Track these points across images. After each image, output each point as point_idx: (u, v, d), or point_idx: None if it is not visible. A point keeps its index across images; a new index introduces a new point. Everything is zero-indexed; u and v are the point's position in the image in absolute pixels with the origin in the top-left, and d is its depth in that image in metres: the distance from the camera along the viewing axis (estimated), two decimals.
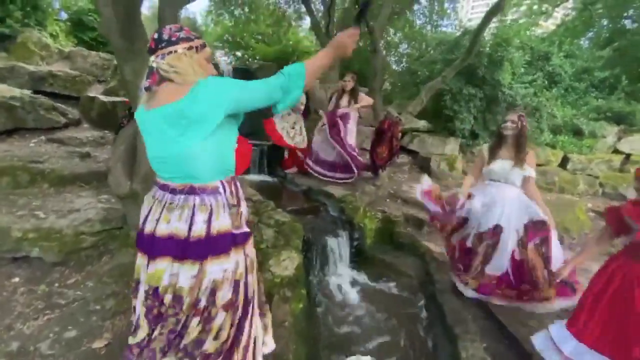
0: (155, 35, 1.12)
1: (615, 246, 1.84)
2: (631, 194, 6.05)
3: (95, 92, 5.62)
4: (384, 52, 13.55)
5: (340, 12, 10.14)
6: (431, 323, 2.23)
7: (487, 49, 5.73)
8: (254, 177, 4.58)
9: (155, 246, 1.15)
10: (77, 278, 2.17)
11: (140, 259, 1.18)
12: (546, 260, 2.15)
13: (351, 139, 4.24)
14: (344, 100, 4.07)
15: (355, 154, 4.17)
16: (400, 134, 5.17)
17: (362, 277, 2.66)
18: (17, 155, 3.44)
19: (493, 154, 2.31)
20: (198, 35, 1.19)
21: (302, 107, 4.48)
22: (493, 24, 6.47)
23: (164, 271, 1.12)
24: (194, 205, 1.13)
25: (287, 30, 12.41)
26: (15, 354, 1.59)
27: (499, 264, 2.26)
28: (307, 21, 10.74)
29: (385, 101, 10.03)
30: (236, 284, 1.19)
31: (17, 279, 2.13)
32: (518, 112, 2.29)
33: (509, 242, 2.20)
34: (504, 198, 2.25)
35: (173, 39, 1.10)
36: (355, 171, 4.11)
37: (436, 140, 6.50)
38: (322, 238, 2.65)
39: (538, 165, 6.42)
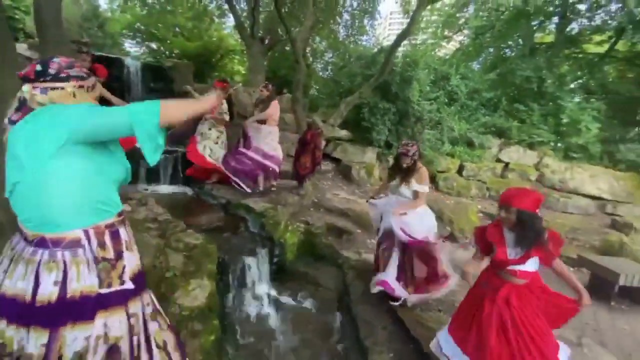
0: (38, 67, 0.97)
1: None
2: None
3: None
4: (311, 59, 13.89)
5: (265, 14, 10.00)
6: (345, 336, 2.32)
7: (399, 68, 6.29)
8: (166, 188, 4.17)
9: (0, 305, 0.96)
10: None
11: None
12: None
13: (263, 145, 4.24)
14: (258, 109, 4.04)
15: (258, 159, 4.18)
16: (322, 144, 5.33)
17: (282, 295, 2.63)
18: None
19: (391, 175, 2.65)
20: (90, 73, 1.10)
21: (226, 117, 4.28)
22: (404, 46, 7.13)
23: (13, 337, 0.93)
24: (40, 261, 0.95)
25: (209, 25, 11.71)
26: None
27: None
28: (231, 19, 10.29)
29: (311, 107, 10.26)
30: (113, 349, 1.01)
31: None
32: (413, 143, 2.59)
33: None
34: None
35: (62, 75, 0.99)
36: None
37: (356, 149, 6.90)
38: (240, 258, 2.54)
39: (440, 172, 7.33)
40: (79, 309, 0.96)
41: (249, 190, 4.00)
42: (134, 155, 1.32)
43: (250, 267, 2.52)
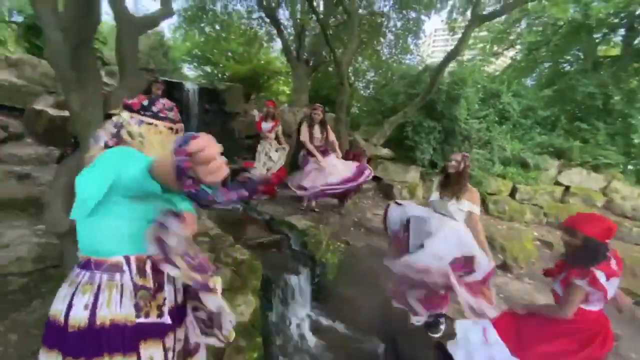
0: (145, 102, 1.06)
1: None
2: None
3: (44, 104, 5.17)
4: (352, 78, 14.13)
5: (311, 37, 10.43)
6: None
7: (445, 86, 6.14)
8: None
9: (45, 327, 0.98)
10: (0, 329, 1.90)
11: None
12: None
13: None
14: (317, 131, 4.06)
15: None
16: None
17: (322, 317, 2.61)
18: None
19: (440, 188, 2.48)
20: (180, 119, 1.15)
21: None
22: (450, 63, 6.98)
23: None
24: (79, 283, 0.95)
25: (258, 50, 12.49)
26: None
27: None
28: (279, 43, 10.90)
29: (352, 125, 10.34)
30: None
31: None
32: (463, 153, 2.50)
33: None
34: (439, 229, 2.39)
35: (161, 114, 1.07)
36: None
37: (398, 167, 6.77)
38: (282, 276, 2.57)
39: (490, 194, 6.89)
40: (111, 339, 0.91)
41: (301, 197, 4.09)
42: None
43: (292, 286, 2.54)
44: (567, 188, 7.30)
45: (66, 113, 4.85)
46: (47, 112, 4.73)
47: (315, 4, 9.83)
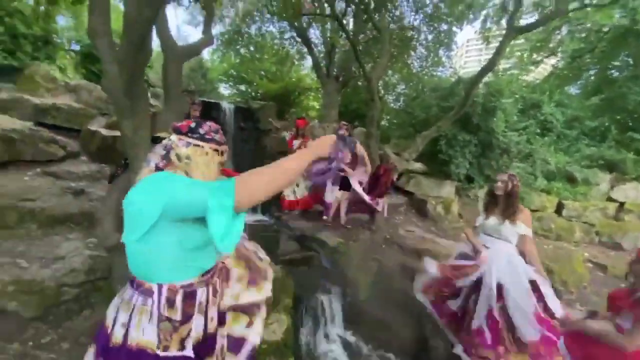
0: (193, 124, 1.10)
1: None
2: (627, 245, 6.04)
3: (97, 125, 5.68)
4: (382, 91, 14.11)
5: (341, 53, 10.61)
6: None
7: (480, 98, 5.95)
8: (249, 217, 4.53)
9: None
10: (53, 337, 2.06)
11: None
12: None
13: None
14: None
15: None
16: (392, 180, 5.20)
17: (354, 339, 2.54)
18: (8, 193, 3.40)
19: (486, 210, 2.36)
20: (225, 141, 1.18)
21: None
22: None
23: None
24: (124, 299, 1.02)
25: (290, 68, 12.93)
26: None
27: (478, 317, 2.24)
28: (309, 60, 11.21)
29: (382, 139, 10.26)
30: None
31: None
32: (509, 172, 2.37)
33: (490, 298, 2.20)
34: (494, 254, 2.26)
35: (207, 136, 1.09)
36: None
37: (432, 182, 6.56)
38: (313, 295, 2.56)
39: (533, 211, 6.46)
40: None
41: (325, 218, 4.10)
42: None
43: (323, 305, 2.52)
44: (622, 204, 6.67)
45: (117, 133, 5.27)
46: (100, 132, 5.18)
47: (345, 21, 10.08)
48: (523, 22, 6.09)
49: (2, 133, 4.19)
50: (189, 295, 1.04)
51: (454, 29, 9.65)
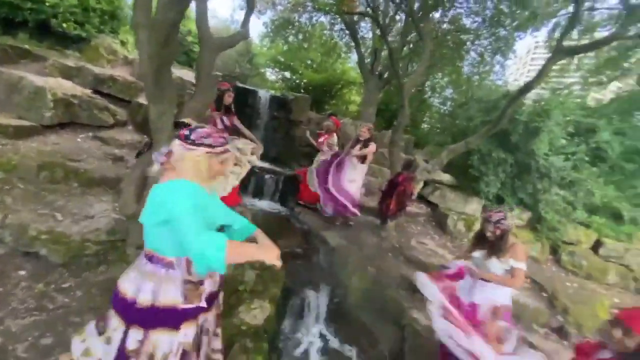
0: (186, 132, 1.29)
1: None
2: None
3: (144, 99, 6.19)
4: (429, 92, 13.61)
5: (387, 52, 10.36)
6: None
7: (523, 117, 5.56)
8: (267, 204, 4.74)
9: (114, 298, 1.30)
10: (71, 283, 2.39)
11: None
12: None
13: (349, 186, 4.27)
14: (356, 149, 4.11)
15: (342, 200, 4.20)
16: (417, 189, 5.12)
17: (333, 339, 2.63)
18: (60, 151, 3.89)
19: (475, 245, 2.32)
20: (223, 142, 1.33)
21: (336, 149, 4.67)
22: (537, 90, 6.30)
23: (116, 329, 1.25)
24: (145, 272, 1.25)
25: (335, 60, 12.89)
26: None
27: None
28: (356, 54, 11.09)
29: (419, 143, 9.98)
30: (185, 353, 1.28)
31: (23, 272, 2.39)
32: (498, 209, 2.28)
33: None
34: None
35: (197, 141, 1.26)
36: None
37: (458, 196, 6.32)
38: (303, 290, 2.68)
39: (567, 243, 6.00)
40: (166, 317, 1.23)
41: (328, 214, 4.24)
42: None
43: (309, 301, 2.63)
44: None
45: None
46: (145, 106, 5.64)
47: (395, 21, 9.81)
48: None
49: (64, 97, 4.73)
50: None
51: (517, 35, 9.00)
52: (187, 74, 7.21)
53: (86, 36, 6.28)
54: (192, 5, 3.52)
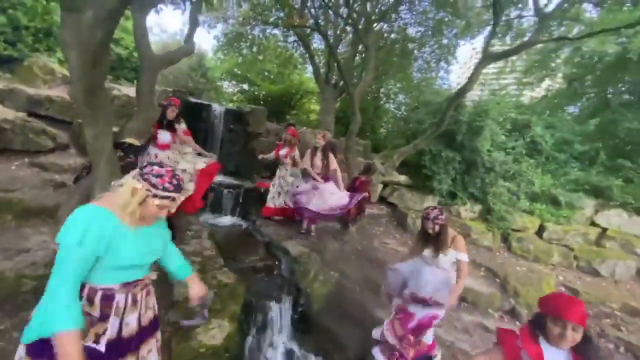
0: (145, 165, 1.28)
1: None
2: (605, 271, 6.06)
3: None
4: (384, 98, 14.20)
5: (340, 62, 10.69)
6: None
7: (465, 117, 6.01)
8: (228, 220, 4.64)
9: None
10: (7, 325, 2.18)
11: None
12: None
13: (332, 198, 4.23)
14: (317, 158, 4.16)
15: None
16: (377, 191, 5.29)
17: (299, 348, 2.64)
18: None
19: (421, 243, 2.47)
20: (171, 190, 1.24)
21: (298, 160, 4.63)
22: (474, 92, 6.84)
23: None
24: None
25: (292, 70, 13.06)
26: None
27: None
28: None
29: (377, 148, 10.34)
30: None
31: None
32: (434, 207, 2.45)
33: None
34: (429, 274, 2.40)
35: (146, 176, 1.22)
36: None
37: (415, 195, 6.65)
38: (265, 303, 2.66)
39: (515, 230, 6.51)
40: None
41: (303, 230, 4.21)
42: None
43: (272, 314, 2.62)
44: (605, 230, 6.69)
45: None
46: None
47: (346, 32, 10.18)
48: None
49: None
50: (107, 297, 1.21)
51: (457, 43, 9.74)
52: (134, 92, 6.92)
53: (18, 56, 5.83)
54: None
